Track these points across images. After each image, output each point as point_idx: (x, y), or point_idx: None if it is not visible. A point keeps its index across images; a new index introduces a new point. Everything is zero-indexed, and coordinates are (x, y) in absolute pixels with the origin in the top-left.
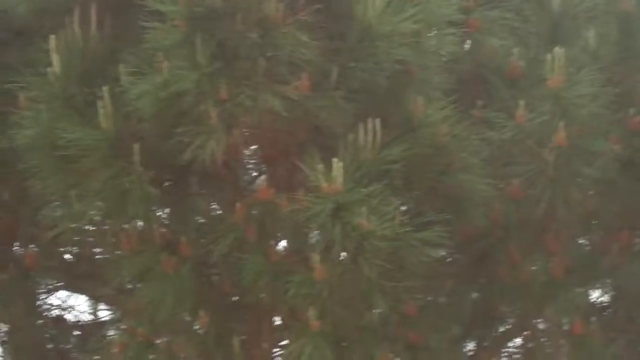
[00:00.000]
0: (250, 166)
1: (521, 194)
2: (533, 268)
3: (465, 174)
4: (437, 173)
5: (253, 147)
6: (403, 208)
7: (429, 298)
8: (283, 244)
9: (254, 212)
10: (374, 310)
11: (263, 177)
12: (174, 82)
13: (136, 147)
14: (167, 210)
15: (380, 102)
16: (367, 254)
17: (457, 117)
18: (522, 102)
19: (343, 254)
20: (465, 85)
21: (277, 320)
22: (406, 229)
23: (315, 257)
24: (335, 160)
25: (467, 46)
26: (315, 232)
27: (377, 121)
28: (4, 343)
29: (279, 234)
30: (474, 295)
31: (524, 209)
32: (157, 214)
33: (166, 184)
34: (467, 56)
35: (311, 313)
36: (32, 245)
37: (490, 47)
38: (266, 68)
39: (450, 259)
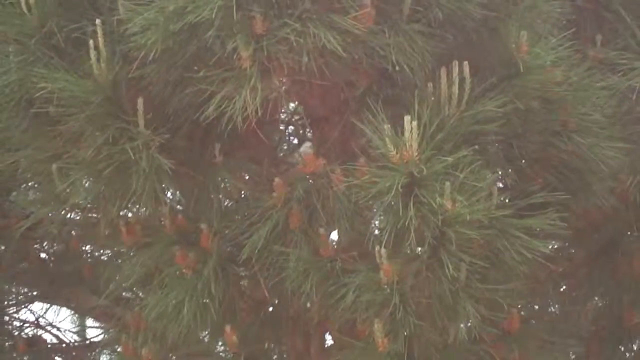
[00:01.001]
0: (291, 128)
1: None
2: None
3: (586, 136)
4: (549, 135)
5: (296, 102)
6: (501, 184)
7: (535, 306)
8: (337, 233)
9: (298, 190)
10: (461, 323)
11: (308, 143)
12: (190, 9)
13: (140, 101)
14: (182, 188)
15: (470, 38)
16: (453, 246)
17: (577, 57)
18: None
19: (420, 247)
20: (582, 16)
21: (330, 337)
22: (506, 213)
23: (382, 251)
24: (408, 118)
25: None
26: (382, 216)
27: (466, 65)
28: None
29: (332, 220)
30: (597, 301)
31: None
32: (169, 193)
33: (181, 152)
34: None
35: (377, 327)
36: None
37: None
38: None
39: (564, 253)
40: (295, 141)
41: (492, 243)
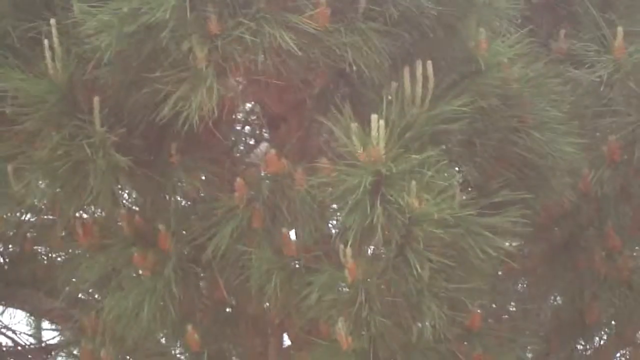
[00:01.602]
0: (248, 128)
1: (620, 155)
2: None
3: (545, 132)
4: (507, 132)
5: (253, 102)
6: (464, 181)
7: (497, 304)
8: (301, 233)
9: (262, 190)
10: (425, 322)
11: (265, 143)
12: (145, 10)
13: (96, 100)
14: (139, 188)
15: (427, 36)
16: (418, 244)
17: (534, 54)
18: (620, 30)
19: (386, 245)
20: (543, 10)
21: (292, 337)
22: (471, 212)
23: (347, 250)
24: (374, 117)
25: None
26: (348, 215)
27: (429, 64)
28: None
29: (295, 220)
30: (557, 298)
31: (624, 176)
32: (126, 193)
33: (137, 151)
34: None
35: (341, 326)
36: None
37: None
38: None
39: (523, 249)
40: (252, 141)
41: (458, 241)
